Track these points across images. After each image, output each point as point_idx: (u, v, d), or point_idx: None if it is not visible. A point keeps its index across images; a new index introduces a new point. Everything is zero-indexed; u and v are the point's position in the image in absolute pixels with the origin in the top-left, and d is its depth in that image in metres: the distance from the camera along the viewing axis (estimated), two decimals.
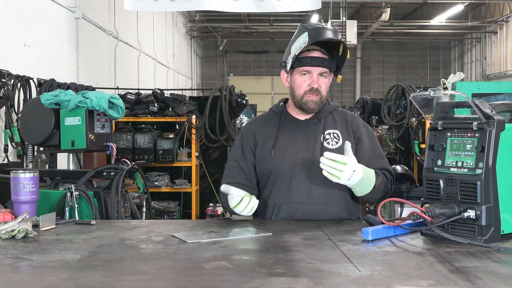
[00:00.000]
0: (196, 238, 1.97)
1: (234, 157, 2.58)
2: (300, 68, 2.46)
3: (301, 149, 2.48)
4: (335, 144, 2.48)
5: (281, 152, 2.48)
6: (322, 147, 2.47)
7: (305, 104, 2.48)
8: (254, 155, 2.55)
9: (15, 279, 1.52)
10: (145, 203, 3.31)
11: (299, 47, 2.39)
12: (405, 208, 4.66)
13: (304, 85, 2.47)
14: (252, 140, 2.56)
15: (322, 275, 1.50)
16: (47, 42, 6.53)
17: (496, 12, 17.64)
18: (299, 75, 2.47)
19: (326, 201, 2.44)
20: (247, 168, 2.54)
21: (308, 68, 2.45)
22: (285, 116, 2.57)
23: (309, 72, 2.46)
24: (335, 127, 2.53)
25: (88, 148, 3.18)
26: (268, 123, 2.59)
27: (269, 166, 2.48)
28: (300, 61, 2.44)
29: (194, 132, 6.74)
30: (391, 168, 2.52)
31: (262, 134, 2.56)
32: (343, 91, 22.38)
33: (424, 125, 7.05)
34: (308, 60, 2.44)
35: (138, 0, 6.10)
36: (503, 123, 1.86)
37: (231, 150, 2.64)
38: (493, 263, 1.61)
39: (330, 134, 2.50)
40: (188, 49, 18.82)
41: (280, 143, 2.50)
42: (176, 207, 6.92)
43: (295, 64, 2.45)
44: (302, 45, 2.38)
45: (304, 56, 2.44)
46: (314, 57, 2.44)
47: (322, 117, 2.54)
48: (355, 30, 13.79)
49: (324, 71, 2.47)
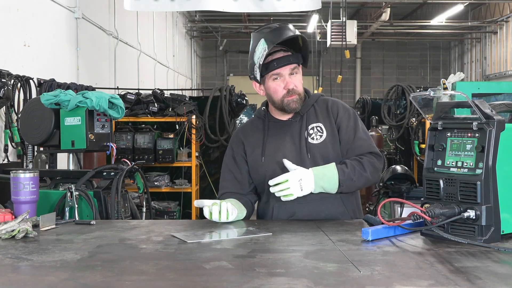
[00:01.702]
0: (196, 238, 1.98)
1: (228, 167, 2.61)
2: (270, 74, 2.45)
3: (289, 150, 2.49)
4: (320, 138, 2.49)
5: (271, 156, 2.50)
6: (307, 143, 2.48)
7: (287, 106, 2.48)
8: (246, 161, 2.57)
9: (15, 279, 1.52)
10: (145, 203, 3.31)
11: (261, 55, 2.38)
12: (405, 208, 4.66)
13: (279, 89, 2.46)
14: (242, 148, 2.58)
15: (322, 275, 1.50)
16: (47, 42, 6.53)
17: (496, 12, 17.64)
18: (272, 81, 2.47)
19: (322, 197, 2.44)
20: (241, 176, 2.56)
21: (277, 70, 2.44)
22: (269, 119, 2.58)
23: (280, 75, 2.45)
24: (317, 120, 2.53)
25: (88, 148, 3.18)
26: (254, 130, 2.60)
27: (262, 172, 2.50)
28: (267, 67, 2.44)
29: (194, 132, 6.74)
30: (375, 148, 2.50)
31: (249, 141, 2.57)
32: (343, 91, 22.36)
33: (424, 125, 7.05)
34: (274, 63, 2.43)
35: (138, 0, 6.11)
36: (503, 123, 1.85)
37: (224, 160, 2.65)
38: (493, 263, 1.61)
39: (313, 129, 2.51)
40: (188, 49, 18.82)
41: (268, 148, 2.52)
42: (176, 207, 6.92)
43: (263, 72, 2.45)
44: (263, 52, 2.37)
45: (269, 61, 2.43)
46: (279, 58, 2.44)
47: (304, 113, 2.54)
48: (355, 30, 13.78)
49: (292, 68, 2.46)
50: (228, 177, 2.59)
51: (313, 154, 2.46)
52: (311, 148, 2.47)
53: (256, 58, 2.41)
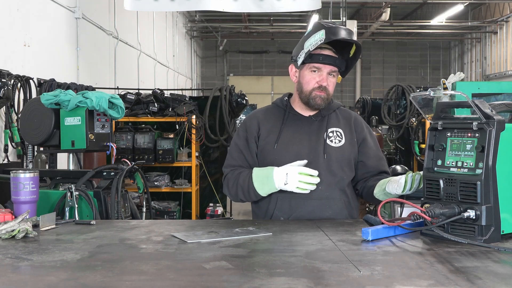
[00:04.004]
0: (196, 238, 1.97)
1: (238, 148, 2.57)
2: (311, 65, 2.47)
3: (304, 145, 2.49)
4: (338, 143, 2.51)
5: (284, 145, 2.49)
6: (325, 145, 2.49)
7: (313, 99, 2.49)
8: (257, 146, 2.55)
9: (15, 279, 1.52)
10: (145, 203, 3.30)
11: (314, 43, 2.40)
12: (405, 208, 4.66)
13: (313, 82, 2.48)
14: (256, 130, 2.56)
15: (322, 275, 1.50)
16: (47, 42, 6.53)
17: (496, 12, 17.64)
18: (309, 72, 2.49)
19: (328, 197, 2.46)
20: (252, 159, 2.55)
21: (319, 65, 2.46)
22: (289, 111, 2.58)
23: (319, 70, 2.47)
24: (338, 125, 2.56)
25: (88, 148, 3.18)
26: (271, 116, 2.60)
27: (272, 158, 2.48)
28: (312, 58, 2.46)
29: (194, 132, 6.74)
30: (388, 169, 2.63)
31: (265, 126, 2.56)
32: (343, 91, 22.38)
33: (424, 125, 7.05)
34: (320, 58, 2.45)
35: (138, 0, 6.11)
36: (503, 123, 1.85)
37: (234, 140, 2.62)
38: (493, 263, 1.61)
39: (333, 132, 2.53)
40: (188, 49, 18.82)
41: (283, 137, 2.51)
42: (176, 207, 6.92)
43: (306, 60, 2.46)
44: (318, 42, 2.38)
45: (316, 53, 2.45)
46: (326, 55, 2.46)
47: (326, 115, 2.56)
48: (355, 30, 13.76)
49: (333, 70, 2.49)
50: (238, 157, 2.56)
51: (329, 155, 2.48)
52: (328, 150, 2.49)
53: (307, 44, 2.42)
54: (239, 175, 2.48)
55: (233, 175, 2.51)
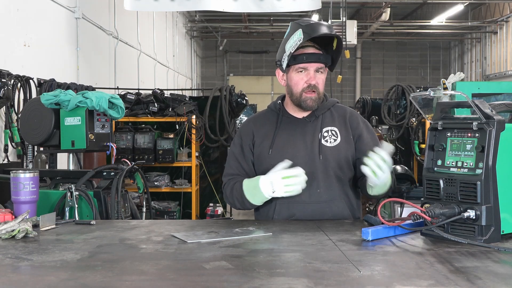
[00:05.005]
0: (196, 238, 1.97)
1: (234, 156, 2.58)
2: (296, 66, 2.45)
3: (299, 148, 2.47)
4: (333, 142, 2.49)
5: (278, 150, 2.48)
6: (320, 145, 2.47)
7: (303, 102, 2.47)
8: (252, 153, 2.55)
9: (15, 279, 1.52)
10: (145, 203, 3.30)
11: (294, 45, 2.38)
12: (405, 208, 4.67)
13: (301, 83, 2.46)
14: (251, 138, 2.56)
15: (322, 275, 1.50)
16: (47, 42, 6.53)
17: (496, 12, 17.63)
18: (296, 73, 2.47)
19: (327, 200, 2.44)
20: (248, 166, 2.54)
21: (304, 64, 2.44)
22: (283, 114, 2.57)
23: (306, 69, 2.45)
24: (333, 124, 2.53)
25: (88, 148, 3.18)
26: (266, 121, 2.59)
27: (267, 165, 2.46)
28: (296, 59, 2.44)
29: (194, 132, 6.74)
30: None
31: (259, 132, 2.55)
32: (343, 91, 22.36)
33: (424, 125, 7.04)
34: (304, 57, 2.43)
35: (138, 0, 6.11)
36: (503, 123, 1.85)
37: (231, 148, 2.63)
38: (493, 263, 1.61)
39: (328, 132, 2.51)
40: (188, 49, 18.81)
41: (277, 141, 2.50)
42: (176, 207, 6.92)
43: (291, 62, 2.45)
44: (298, 42, 2.37)
45: (299, 53, 2.43)
46: (309, 54, 2.44)
47: (319, 114, 2.53)
48: (355, 30, 13.80)
49: (320, 67, 2.47)
50: (234, 165, 2.56)
51: (325, 156, 2.46)
52: (324, 150, 2.46)
53: (288, 46, 2.41)
54: (234, 185, 2.48)
55: (229, 185, 2.51)
